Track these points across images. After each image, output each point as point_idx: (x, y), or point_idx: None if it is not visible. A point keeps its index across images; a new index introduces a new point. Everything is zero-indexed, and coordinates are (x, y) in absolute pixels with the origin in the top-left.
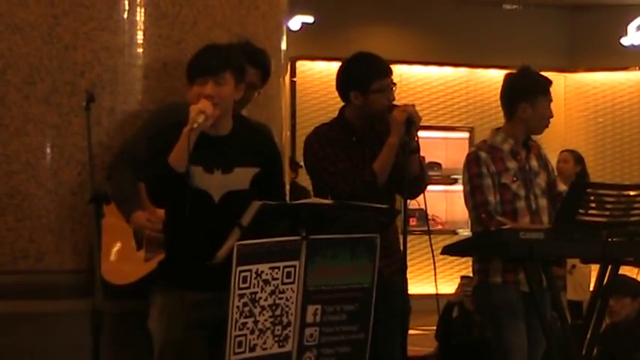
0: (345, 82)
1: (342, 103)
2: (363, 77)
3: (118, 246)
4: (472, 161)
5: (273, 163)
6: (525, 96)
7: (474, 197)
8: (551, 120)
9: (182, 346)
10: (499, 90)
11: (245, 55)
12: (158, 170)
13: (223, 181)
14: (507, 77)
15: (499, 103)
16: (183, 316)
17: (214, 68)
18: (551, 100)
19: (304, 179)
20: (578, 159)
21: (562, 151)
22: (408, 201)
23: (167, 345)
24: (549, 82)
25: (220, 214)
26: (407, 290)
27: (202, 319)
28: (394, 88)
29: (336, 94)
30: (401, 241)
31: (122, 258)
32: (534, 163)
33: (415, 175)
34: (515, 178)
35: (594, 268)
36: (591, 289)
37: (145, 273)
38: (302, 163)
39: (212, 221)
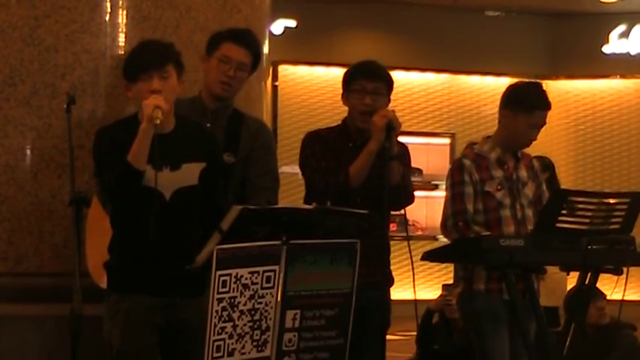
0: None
1: (324, 108)
2: (348, 75)
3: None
4: (456, 169)
5: (215, 158)
6: (511, 104)
7: (453, 205)
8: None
9: (140, 350)
10: (481, 96)
11: (229, 36)
12: (116, 169)
13: (172, 178)
14: (512, 83)
15: (481, 109)
16: (139, 320)
17: (158, 62)
18: (537, 125)
19: None
20: (546, 165)
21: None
22: None
23: (124, 350)
24: (539, 106)
25: (172, 212)
26: (389, 306)
27: (156, 323)
28: (382, 99)
29: (318, 98)
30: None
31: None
32: (523, 173)
33: (396, 183)
34: (499, 187)
35: (573, 275)
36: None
37: None
38: None
39: (164, 220)
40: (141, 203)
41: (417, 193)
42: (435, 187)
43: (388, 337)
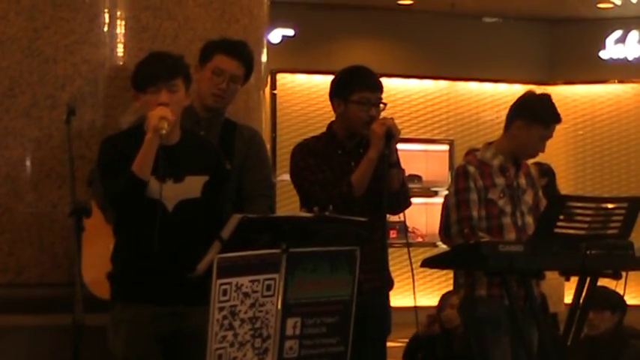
0: (331, 88)
1: (322, 116)
2: (346, 85)
3: (104, 258)
4: (460, 175)
5: (220, 171)
6: (526, 116)
7: (458, 211)
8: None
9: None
10: (479, 102)
11: (223, 48)
12: (121, 179)
13: (175, 190)
14: (525, 93)
15: (479, 115)
16: (142, 330)
17: (167, 75)
18: (547, 137)
19: None
20: (545, 172)
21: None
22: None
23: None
24: (554, 120)
25: (174, 224)
26: (389, 312)
27: (159, 332)
28: (381, 107)
29: (317, 107)
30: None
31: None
32: (523, 180)
33: (396, 189)
34: (502, 194)
35: (572, 280)
36: (564, 301)
37: None
38: None
39: (166, 231)
40: (144, 214)
41: (416, 200)
42: (435, 194)
43: (388, 344)
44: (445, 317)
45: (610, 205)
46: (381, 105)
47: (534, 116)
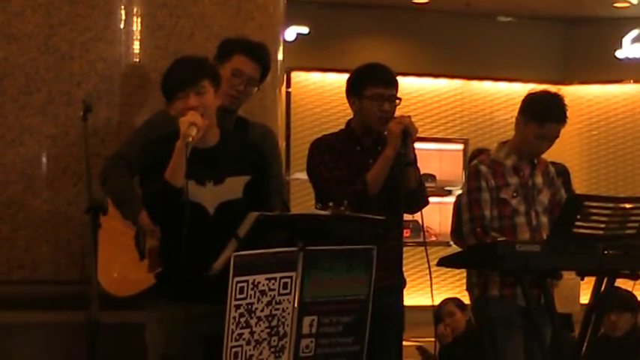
0: (347, 86)
1: (336, 115)
2: (359, 81)
3: (117, 256)
4: (472, 174)
5: (262, 169)
6: (523, 112)
7: (470, 210)
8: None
9: (184, 357)
10: (494, 102)
11: (243, 49)
12: (155, 187)
13: (216, 192)
14: (532, 90)
15: (494, 115)
16: (183, 330)
17: (193, 79)
18: (547, 136)
19: None
20: (560, 172)
21: None
22: None
23: (168, 355)
24: (549, 119)
25: (216, 226)
26: (402, 311)
27: (201, 333)
28: (396, 102)
29: (331, 105)
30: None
31: (123, 268)
32: (539, 179)
33: (412, 188)
34: (515, 194)
35: (587, 281)
36: (580, 301)
37: (151, 283)
38: None
39: (208, 234)
40: (185, 217)
41: (430, 199)
42: (449, 193)
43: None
44: (439, 332)
45: (628, 205)
46: (396, 101)
47: (531, 112)
